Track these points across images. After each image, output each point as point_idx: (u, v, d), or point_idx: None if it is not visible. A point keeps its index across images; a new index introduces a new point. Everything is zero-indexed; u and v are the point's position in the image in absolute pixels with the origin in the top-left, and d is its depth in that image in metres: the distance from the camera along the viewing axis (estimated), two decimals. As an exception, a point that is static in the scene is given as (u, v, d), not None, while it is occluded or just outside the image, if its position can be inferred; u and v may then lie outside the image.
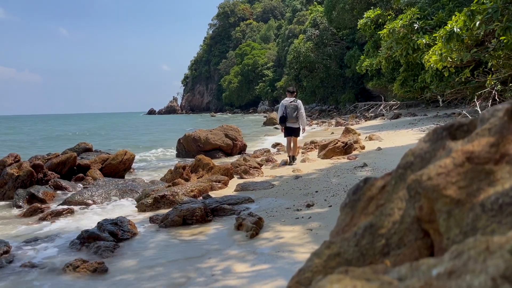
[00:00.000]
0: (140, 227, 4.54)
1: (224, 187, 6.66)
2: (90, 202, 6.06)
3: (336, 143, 8.95)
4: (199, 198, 5.68)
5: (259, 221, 4.09)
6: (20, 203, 6.20)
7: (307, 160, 8.61)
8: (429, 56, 10.57)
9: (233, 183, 6.82)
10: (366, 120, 22.71)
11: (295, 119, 8.51)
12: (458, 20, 9.37)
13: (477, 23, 8.71)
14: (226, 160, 10.45)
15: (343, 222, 0.97)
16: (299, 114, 8.50)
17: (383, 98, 26.98)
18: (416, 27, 13.96)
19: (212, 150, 11.53)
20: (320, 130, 20.30)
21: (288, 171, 7.55)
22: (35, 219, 5.31)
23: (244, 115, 59.81)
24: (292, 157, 8.67)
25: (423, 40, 12.82)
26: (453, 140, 0.83)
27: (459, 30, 9.30)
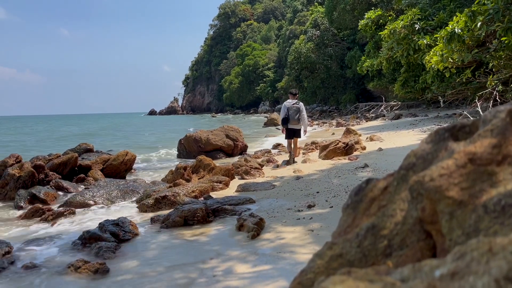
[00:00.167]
0: (141, 228, 4.54)
1: (225, 188, 6.67)
2: (92, 203, 6.06)
3: (337, 144, 8.96)
4: (200, 199, 5.68)
5: (260, 222, 4.09)
6: (22, 204, 6.21)
7: (308, 161, 8.61)
8: (430, 57, 10.57)
9: (234, 184, 6.82)
10: (367, 121, 22.70)
11: (297, 121, 8.65)
12: (459, 21, 9.37)
13: (478, 24, 8.71)
14: (227, 161, 10.45)
15: (345, 223, 0.97)
16: (301, 116, 8.63)
17: (384, 99, 26.97)
18: (417, 28, 13.97)
19: (213, 151, 11.53)
20: (321, 131, 20.28)
21: (289, 172, 7.54)
22: (37, 220, 5.32)
23: (245, 116, 59.79)
24: (293, 158, 8.75)
25: (424, 41, 12.83)
26: (455, 141, 0.83)
27: (460, 31, 9.30)
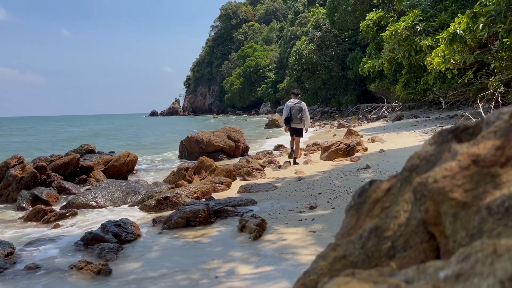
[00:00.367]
0: (143, 229, 4.55)
1: (227, 189, 6.67)
2: (93, 204, 6.07)
3: (339, 145, 8.96)
4: (202, 200, 5.68)
5: (262, 223, 4.10)
6: (24, 205, 6.22)
7: (310, 162, 8.61)
8: (432, 58, 10.57)
9: (236, 185, 6.82)
10: (368, 122, 22.69)
11: (299, 120, 8.73)
12: (461, 22, 9.37)
13: (480, 25, 8.71)
14: (229, 162, 10.45)
15: (349, 225, 0.97)
16: (304, 116, 8.73)
17: (386, 100, 26.93)
18: (419, 29, 13.97)
19: (215, 152, 11.54)
20: (322, 132, 20.26)
21: (291, 173, 7.54)
22: (39, 221, 5.32)
23: (247, 117, 59.82)
24: (294, 159, 8.76)
25: (426, 42, 12.83)
26: (459, 143, 0.83)
27: (462, 32, 9.30)
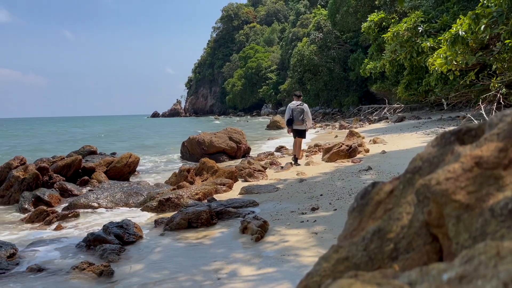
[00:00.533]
0: (146, 230, 4.55)
1: (229, 190, 6.67)
2: (95, 205, 6.08)
3: (340, 147, 8.95)
4: (204, 201, 5.68)
5: (264, 225, 4.09)
6: (26, 206, 6.23)
7: (312, 163, 8.61)
8: (434, 59, 10.56)
9: (238, 186, 6.82)
10: (370, 123, 22.67)
11: (301, 122, 8.76)
12: (463, 24, 9.37)
13: (482, 27, 8.70)
14: (230, 163, 10.45)
15: (351, 227, 0.97)
16: (306, 116, 8.77)
17: (387, 101, 26.90)
18: (421, 30, 13.97)
19: (216, 153, 11.54)
20: (324, 133, 20.25)
21: (293, 174, 7.54)
22: (41, 222, 5.33)
23: (249, 118, 59.83)
24: (295, 160, 8.79)
25: (428, 43, 12.82)
26: (462, 145, 0.83)
27: (464, 34, 9.30)
